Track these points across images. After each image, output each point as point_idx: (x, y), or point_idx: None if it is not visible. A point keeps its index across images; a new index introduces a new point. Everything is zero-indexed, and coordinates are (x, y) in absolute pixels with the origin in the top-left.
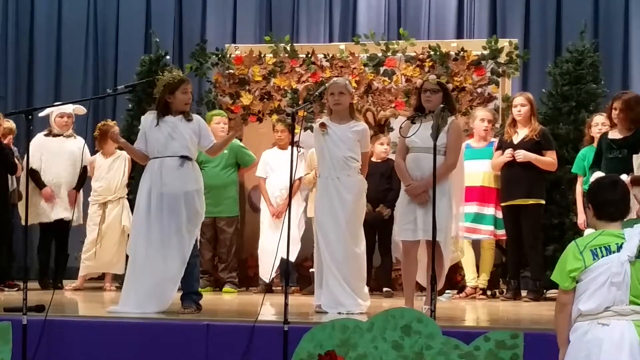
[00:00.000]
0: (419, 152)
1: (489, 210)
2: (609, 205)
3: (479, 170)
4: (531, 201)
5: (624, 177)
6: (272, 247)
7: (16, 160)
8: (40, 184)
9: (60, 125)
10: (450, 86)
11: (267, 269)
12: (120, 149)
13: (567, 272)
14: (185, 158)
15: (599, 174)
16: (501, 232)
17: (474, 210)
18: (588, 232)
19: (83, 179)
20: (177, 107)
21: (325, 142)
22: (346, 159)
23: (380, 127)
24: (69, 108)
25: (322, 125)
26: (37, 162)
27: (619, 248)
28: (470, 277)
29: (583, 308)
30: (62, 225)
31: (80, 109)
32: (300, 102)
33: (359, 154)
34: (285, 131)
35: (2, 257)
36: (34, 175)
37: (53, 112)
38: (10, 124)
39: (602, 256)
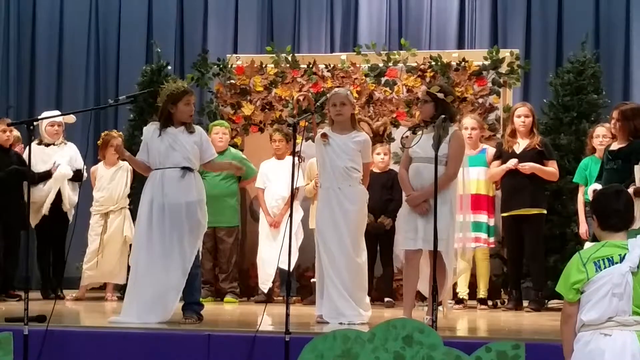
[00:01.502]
0: (420, 162)
1: (483, 218)
2: (613, 215)
3: (472, 178)
4: (534, 211)
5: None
6: (269, 256)
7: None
8: (45, 173)
9: (51, 134)
10: (442, 95)
11: (265, 279)
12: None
13: (571, 284)
14: (186, 169)
15: (595, 185)
16: (492, 239)
17: (471, 219)
18: (589, 243)
19: (76, 180)
20: (179, 118)
21: (327, 152)
22: (347, 169)
23: (378, 137)
24: (59, 117)
25: (324, 135)
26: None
27: (622, 259)
28: (463, 290)
29: (585, 318)
30: (59, 230)
31: (70, 118)
32: (295, 112)
33: (360, 164)
34: (282, 141)
35: (9, 264)
36: (37, 176)
37: (43, 121)
38: (15, 132)
39: (605, 267)
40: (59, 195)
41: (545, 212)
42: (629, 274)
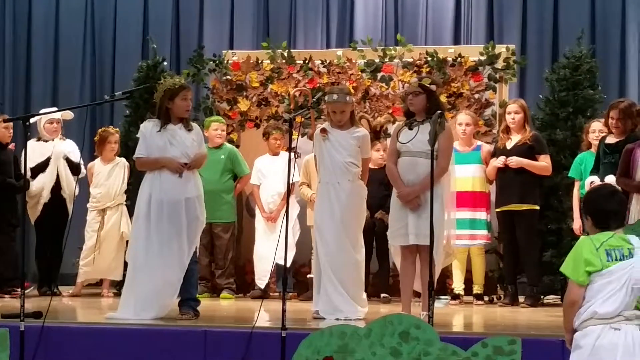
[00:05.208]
0: (410, 157)
1: (482, 214)
2: (611, 216)
3: (468, 175)
4: (525, 206)
5: (611, 178)
6: (267, 252)
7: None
8: (43, 163)
9: (50, 131)
10: (434, 87)
11: (262, 275)
12: (121, 156)
13: (584, 265)
14: (185, 165)
15: (593, 177)
16: (488, 234)
17: (468, 216)
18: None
19: (75, 173)
20: (176, 114)
21: (326, 148)
22: (347, 165)
23: (376, 134)
24: (57, 113)
25: (323, 130)
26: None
27: (630, 254)
28: (459, 286)
29: (601, 310)
30: (58, 224)
31: (68, 114)
32: (292, 107)
33: (359, 159)
34: (283, 139)
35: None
36: (34, 170)
37: (41, 118)
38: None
39: (616, 258)
40: (58, 184)
41: (537, 207)
42: None
